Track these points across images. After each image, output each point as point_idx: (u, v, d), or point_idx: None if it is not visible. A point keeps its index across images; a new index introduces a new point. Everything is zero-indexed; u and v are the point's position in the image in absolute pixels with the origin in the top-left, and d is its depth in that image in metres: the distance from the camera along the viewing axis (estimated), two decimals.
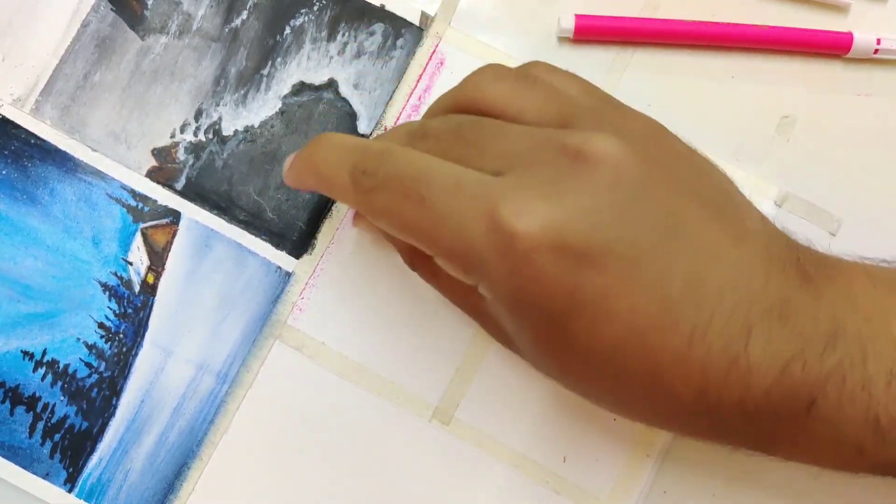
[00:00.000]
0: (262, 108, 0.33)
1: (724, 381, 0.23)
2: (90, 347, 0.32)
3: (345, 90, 0.33)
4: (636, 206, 0.23)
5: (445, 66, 0.33)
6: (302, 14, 0.34)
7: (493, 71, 0.27)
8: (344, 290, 0.32)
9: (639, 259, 0.22)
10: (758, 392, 0.23)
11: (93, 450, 0.31)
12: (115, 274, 0.32)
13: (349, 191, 0.25)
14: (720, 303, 0.23)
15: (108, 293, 0.32)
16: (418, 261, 0.29)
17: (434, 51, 0.33)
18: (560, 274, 0.22)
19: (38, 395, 0.31)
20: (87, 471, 0.31)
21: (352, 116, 0.33)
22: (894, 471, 0.24)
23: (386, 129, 0.33)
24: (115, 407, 0.32)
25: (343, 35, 0.34)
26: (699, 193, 0.24)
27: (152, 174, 0.33)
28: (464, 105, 0.27)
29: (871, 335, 0.23)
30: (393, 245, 0.30)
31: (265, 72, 0.33)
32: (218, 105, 0.33)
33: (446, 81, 0.33)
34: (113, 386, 0.32)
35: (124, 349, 0.32)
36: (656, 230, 0.23)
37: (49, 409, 0.31)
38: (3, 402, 0.31)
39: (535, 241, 0.22)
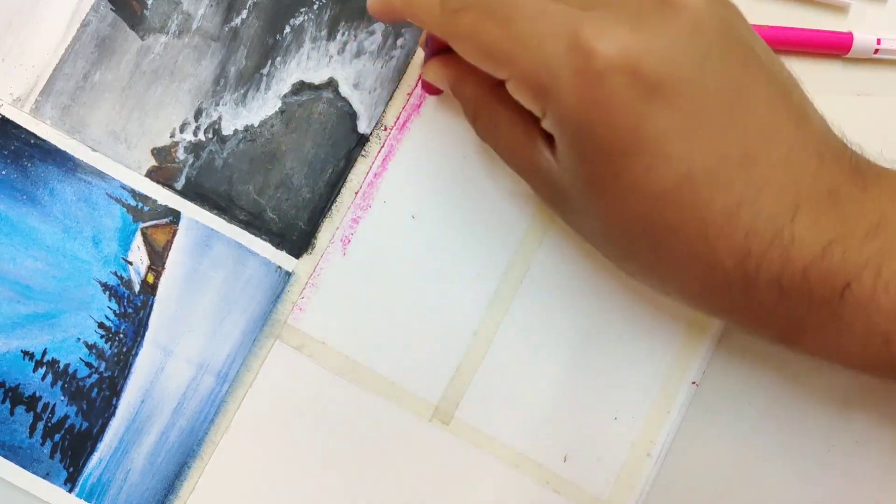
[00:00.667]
0: (262, 107, 0.33)
1: (766, 251, 0.23)
2: (90, 347, 0.32)
3: (345, 90, 0.33)
4: (712, 58, 0.23)
5: None
6: (302, 13, 0.34)
7: None
8: (344, 290, 0.32)
9: (706, 108, 0.23)
10: (796, 268, 0.23)
11: (93, 450, 0.31)
12: (116, 274, 0.32)
13: (436, 12, 0.26)
14: (773, 176, 0.23)
15: (108, 293, 0.32)
16: (481, 111, 0.29)
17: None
18: (629, 101, 0.23)
19: (38, 394, 0.31)
20: (87, 471, 0.31)
21: (352, 116, 0.33)
22: None
23: (386, 128, 0.33)
24: (116, 407, 0.32)
25: (343, 34, 0.33)
26: (769, 72, 0.25)
27: (152, 174, 0.33)
28: None
29: None
30: (458, 98, 0.30)
31: (265, 71, 0.33)
32: (218, 104, 0.33)
33: None
34: (113, 386, 0.32)
35: (124, 349, 0.32)
36: (725, 89, 0.23)
37: (49, 409, 0.31)
38: (4, 402, 0.31)
39: (611, 62, 0.23)
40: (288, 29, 0.33)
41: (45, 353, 0.32)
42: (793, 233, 0.23)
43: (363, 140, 0.33)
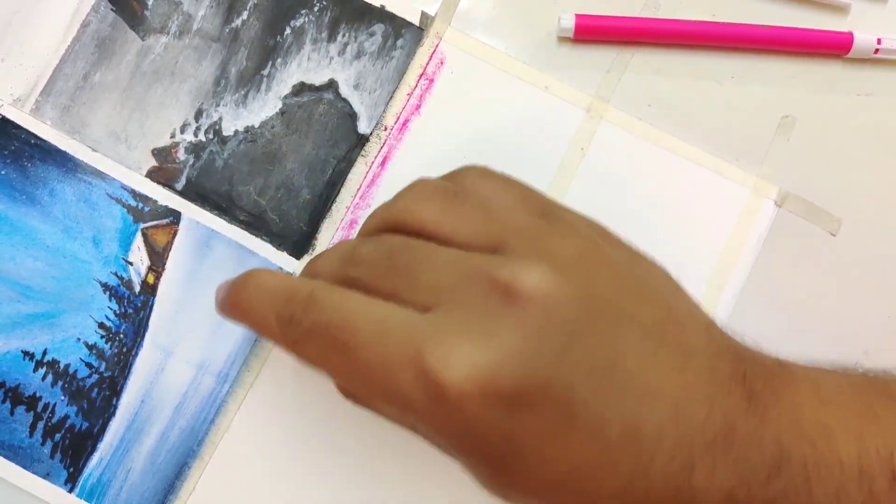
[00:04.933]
0: (263, 108, 0.33)
1: None
2: (90, 347, 0.32)
3: (345, 90, 0.33)
4: (570, 347, 0.22)
5: (445, 65, 0.33)
6: (302, 15, 0.34)
7: (422, 189, 0.26)
8: None
9: (574, 404, 0.22)
10: None
11: (93, 449, 0.31)
12: (116, 274, 0.32)
13: (278, 337, 0.25)
14: (661, 442, 0.22)
15: (108, 293, 0.32)
16: (353, 396, 0.28)
17: (434, 51, 0.33)
18: (493, 421, 0.22)
19: (38, 394, 0.31)
20: (87, 470, 0.31)
21: (352, 117, 0.33)
22: None
23: (386, 128, 0.33)
24: (116, 407, 0.32)
25: (343, 35, 0.34)
26: (639, 320, 0.23)
27: (152, 174, 0.33)
28: (396, 226, 0.26)
29: (816, 459, 0.23)
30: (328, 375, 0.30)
31: (265, 72, 0.33)
32: (218, 105, 0.33)
33: (446, 81, 0.33)
34: (113, 386, 0.32)
35: (125, 349, 0.32)
36: (592, 373, 0.22)
37: (49, 409, 0.31)
38: (4, 402, 0.31)
39: (463, 391, 0.21)
40: (288, 30, 0.33)
41: (45, 353, 0.32)
42: (692, 492, 0.22)
43: (363, 140, 0.33)
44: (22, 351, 0.32)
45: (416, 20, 0.34)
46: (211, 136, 0.33)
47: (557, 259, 0.23)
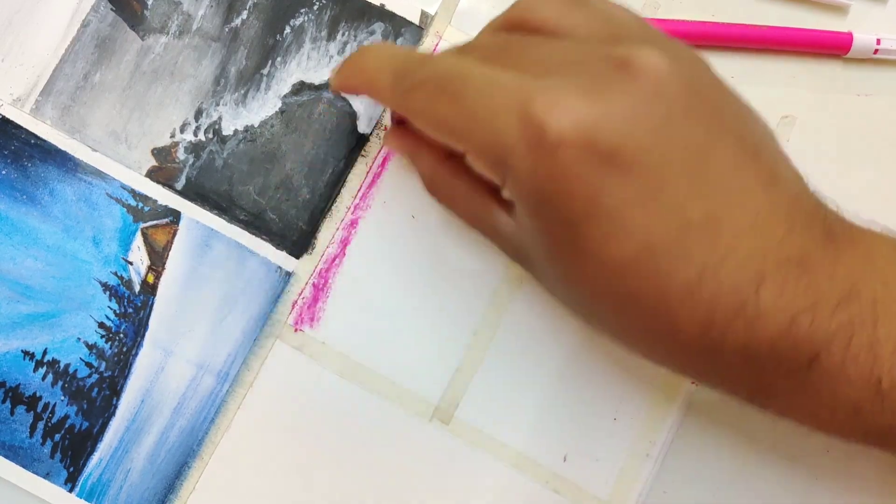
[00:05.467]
0: (262, 107, 0.33)
1: (730, 323, 0.22)
2: (90, 347, 0.32)
3: None
4: (673, 124, 0.22)
5: None
6: (302, 14, 0.34)
7: None
8: (344, 290, 0.32)
9: (665, 177, 0.22)
10: (763, 339, 0.23)
11: (93, 449, 0.31)
12: (116, 274, 0.32)
13: (389, 91, 0.26)
14: (737, 244, 0.22)
15: (108, 293, 0.32)
16: (437, 182, 0.29)
17: (434, 50, 0.33)
18: (584, 174, 0.22)
19: (38, 394, 0.31)
20: (87, 470, 0.31)
21: (351, 116, 0.33)
22: (888, 437, 0.24)
23: (386, 128, 0.33)
24: (116, 407, 0.32)
25: (343, 34, 0.33)
26: (737, 132, 0.24)
27: (152, 174, 0.33)
28: (515, 24, 0.26)
29: (885, 299, 0.23)
30: (416, 167, 0.30)
31: (265, 71, 0.33)
32: (218, 105, 0.33)
33: None
34: (113, 386, 0.32)
35: (124, 349, 0.32)
36: (688, 154, 0.22)
37: (49, 409, 0.31)
38: (4, 401, 0.31)
39: (564, 136, 0.22)
40: (288, 29, 0.33)
41: (45, 353, 0.32)
42: (758, 305, 0.22)
43: (363, 140, 0.33)
44: (22, 351, 0.32)
45: (415, 19, 0.34)
46: (210, 136, 0.33)
47: (673, 53, 0.24)
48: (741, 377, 0.24)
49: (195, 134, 0.33)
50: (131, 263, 0.32)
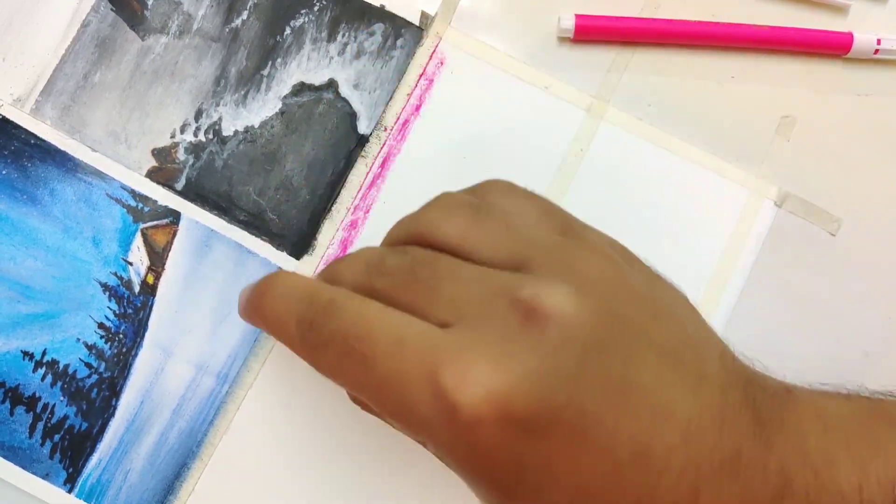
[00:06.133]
0: (263, 108, 0.33)
1: None
2: (90, 348, 0.32)
3: (345, 90, 0.33)
4: (586, 366, 0.22)
5: (445, 65, 0.33)
6: (302, 14, 0.34)
7: (447, 204, 0.26)
8: None
9: (586, 426, 0.22)
10: None
11: (92, 450, 0.31)
12: (115, 274, 0.32)
13: (296, 343, 0.25)
14: (668, 464, 0.22)
15: (108, 293, 0.32)
16: (361, 403, 0.29)
17: (434, 51, 0.33)
18: (505, 445, 0.22)
19: (38, 395, 0.31)
20: (86, 471, 0.31)
21: (352, 116, 0.33)
22: None
23: (386, 129, 0.33)
24: (115, 407, 0.31)
25: (343, 35, 0.34)
26: (657, 342, 0.23)
27: (152, 174, 0.33)
28: (420, 239, 0.26)
29: (819, 488, 0.23)
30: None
31: (265, 72, 0.33)
32: (218, 105, 0.33)
33: (446, 81, 0.33)
34: (113, 386, 0.32)
35: (124, 349, 0.32)
36: (607, 391, 0.22)
37: (49, 410, 0.31)
38: (3, 402, 0.31)
39: (478, 413, 0.21)
40: (288, 30, 0.33)
41: (44, 353, 0.32)
42: None
43: (363, 141, 0.33)
44: (21, 351, 0.32)
45: (416, 20, 0.34)
46: (211, 136, 0.33)
47: (579, 278, 0.23)
48: None
49: (195, 134, 0.33)
50: (131, 264, 0.32)
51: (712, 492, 0.22)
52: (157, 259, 0.32)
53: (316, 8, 0.34)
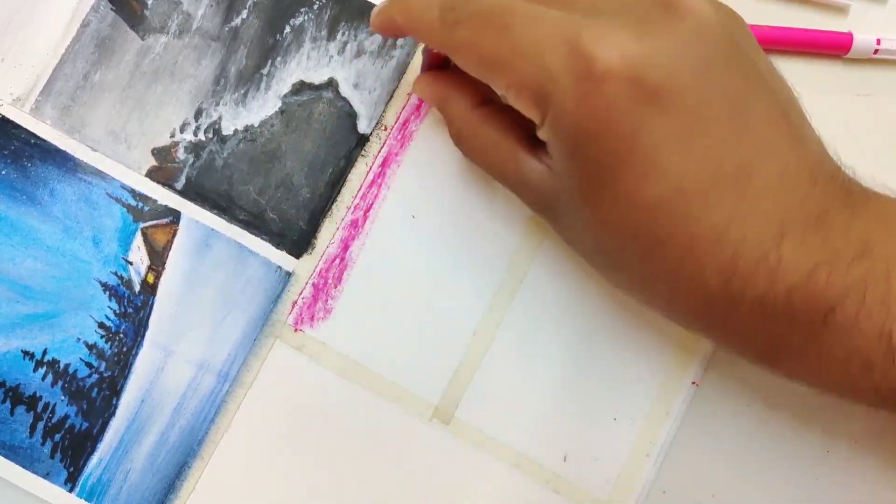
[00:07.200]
0: (262, 107, 0.33)
1: (752, 272, 0.23)
2: (90, 347, 0.32)
3: (345, 89, 0.33)
4: (714, 68, 0.23)
5: None
6: (302, 13, 0.34)
7: None
8: (344, 290, 0.32)
9: (703, 121, 0.23)
10: (780, 290, 0.23)
11: (93, 449, 0.31)
12: (116, 274, 0.32)
13: (435, 26, 0.26)
14: (764, 197, 0.23)
15: (108, 293, 0.32)
16: (465, 131, 0.29)
17: None
18: (628, 108, 0.23)
19: (38, 394, 0.31)
20: (87, 470, 0.31)
21: (352, 116, 0.33)
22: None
23: (386, 128, 0.33)
24: (116, 407, 0.32)
25: (343, 34, 0.33)
26: (770, 87, 0.24)
27: (152, 174, 0.33)
28: None
29: None
30: (444, 115, 0.30)
31: (265, 71, 0.33)
32: (218, 104, 0.33)
33: None
34: (113, 386, 0.32)
35: (124, 349, 0.32)
36: (726, 101, 0.23)
37: (49, 409, 0.31)
38: (4, 401, 0.31)
39: (612, 68, 0.22)
40: (288, 29, 0.33)
41: (45, 353, 0.32)
42: (779, 256, 0.23)
43: (363, 140, 0.33)
44: (22, 351, 0.32)
45: None
46: (210, 136, 0.33)
47: (717, 3, 0.24)
48: (757, 333, 0.24)
49: (195, 134, 0.33)
50: (131, 263, 0.32)
51: (797, 236, 0.23)
52: (158, 258, 0.32)
53: (316, 6, 0.34)
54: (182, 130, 0.33)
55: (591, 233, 0.26)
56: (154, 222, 0.32)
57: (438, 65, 0.31)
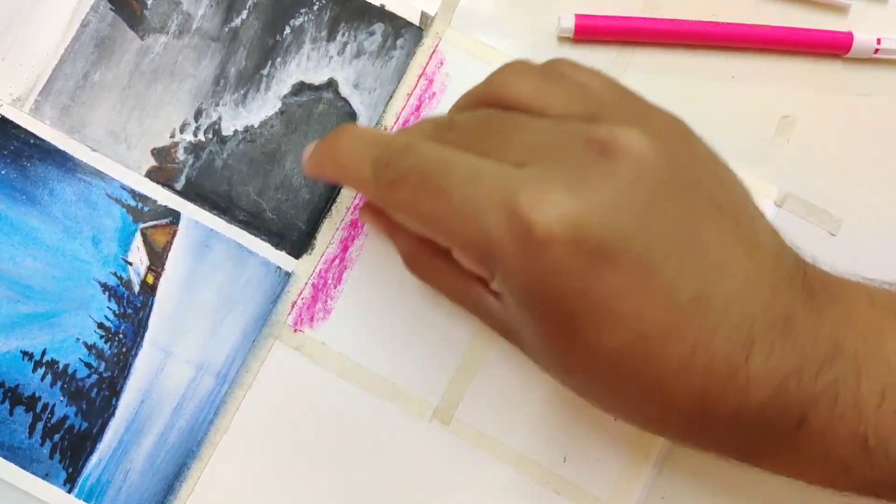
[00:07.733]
0: (262, 108, 0.33)
1: (723, 391, 0.23)
2: (90, 347, 0.32)
3: (345, 90, 0.33)
4: (657, 206, 0.22)
5: (445, 65, 0.33)
6: (302, 14, 0.34)
7: (518, 67, 0.27)
8: (343, 291, 0.32)
9: (652, 263, 0.22)
10: (753, 405, 0.23)
11: (92, 450, 0.31)
12: (115, 274, 0.32)
13: (370, 183, 0.25)
14: (726, 315, 0.22)
15: (107, 293, 0.32)
16: (419, 261, 0.29)
17: (434, 51, 0.33)
18: (575, 269, 0.22)
19: (37, 395, 0.31)
20: (86, 471, 0.31)
21: (352, 116, 0.33)
22: (880, 490, 0.24)
23: (386, 129, 0.33)
24: (115, 407, 0.31)
25: (343, 35, 0.33)
26: (718, 202, 0.24)
27: (152, 174, 0.33)
28: (490, 101, 0.26)
29: (867, 354, 0.23)
30: (394, 244, 0.30)
31: (265, 72, 0.33)
32: (218, 105, 0.33)
33: (446, 81, 0.33)
34: (113, 386, 0.32)
35: (124, 349, 0.32)
36: (673, 236, 0.22)
37: (49, 410, 0.31)
38: (3, 402, 0.31)
39: (552, 233, 0.22)
40: (288, 29, 0.33)
41: (44, 353, 0.32)
42: (748, 372, 0.22)
43: None
44: (21, 351, 0.32)
45: (415, 20, 0.34)
46: (210, 136, 0.33)
47: (651, 128, 0.23)
48: (733, 441, 0.24)
49: (195, 134, 0.33)
50: (131, 264, 0.32)
51: (765, 348, 0.23)
52: (157, 259, 0.32)
53: (315, 7, 0.34)
54: (182, 131, 0.33)
55: (556, 371, 0.26)
56: (154, 223, 0.32)
57: None
